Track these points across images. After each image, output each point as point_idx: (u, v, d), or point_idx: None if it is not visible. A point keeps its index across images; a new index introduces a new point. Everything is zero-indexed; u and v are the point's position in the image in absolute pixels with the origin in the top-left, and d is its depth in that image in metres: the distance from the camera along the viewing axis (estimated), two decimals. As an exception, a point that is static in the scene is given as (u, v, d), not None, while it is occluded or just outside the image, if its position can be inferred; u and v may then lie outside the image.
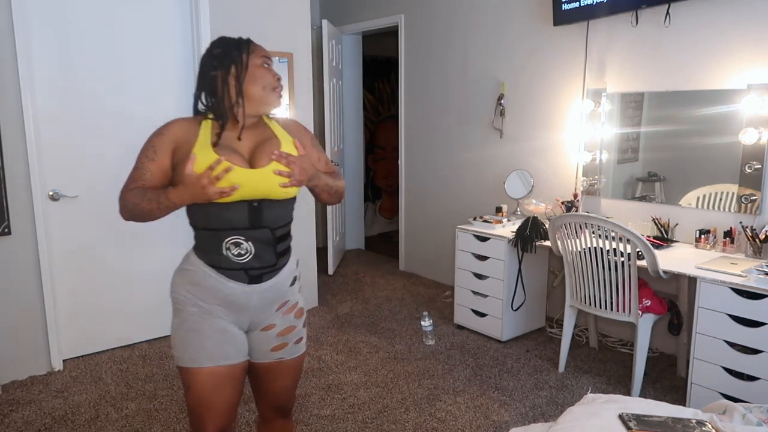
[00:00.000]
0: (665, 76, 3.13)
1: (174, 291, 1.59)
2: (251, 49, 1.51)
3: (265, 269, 1.54)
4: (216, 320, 1.53)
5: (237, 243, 1.49)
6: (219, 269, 1.51)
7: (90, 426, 2.55)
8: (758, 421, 1.51)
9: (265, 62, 1.52)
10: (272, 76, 1.52)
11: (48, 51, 2.94)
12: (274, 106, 1.54)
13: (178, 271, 1.60)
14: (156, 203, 1.42)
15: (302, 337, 1.72)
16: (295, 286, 1.69)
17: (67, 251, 3.11)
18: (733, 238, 2.84)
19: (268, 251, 1.53)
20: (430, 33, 4.54)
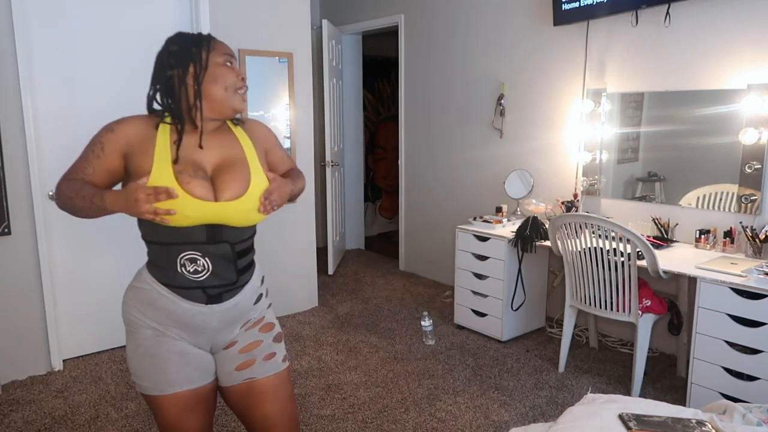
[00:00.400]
0: (665, 76, 3.13)
1: (125, 311, 1.46)
2: (212, 46, 1.36)
3: (225, 287, 1.40)
4: (173, 342, 1.40)
5: (192, 259, 1.34)
6: (173, 288, 1.37)
7: (90, 426, 2.55)
8: (758, 421, 1.51)
9: (227, 60, 1.37)
10: (235, 75, 1.37)
11: (48, 51, 2.94)
12: (239, 110, 1.39)
13: (129, 289, 1.48)
14: (89, 202, 1.29)
15: (275, 352, 1.52)
16: (260, 304, 1.55)
17: (67, 251, 3.11)
18: (733, 238, 2.84)
19: (228, 268, 1.39)
20: (430, 33, 4.54)
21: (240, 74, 1.39)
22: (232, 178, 1.35)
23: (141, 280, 1.44)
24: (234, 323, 1.47)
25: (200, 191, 1.30)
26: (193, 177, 1.30)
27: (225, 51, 1.38)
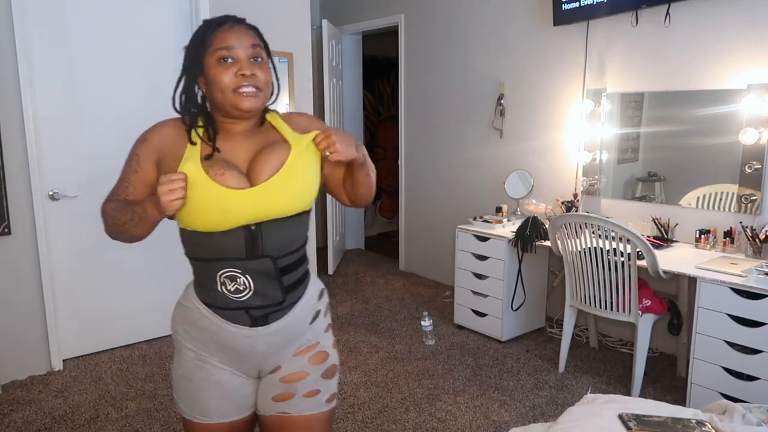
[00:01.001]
0: (665, 76, 3.13)
1: (172, 328, 1.38)
2: (208, 42, 1.20)
3: (270, 308, 1.25)
4: (212, 370, 1.29)
5: (232, 277, 1.21)
6: (215, 308, 1.25)
7: (90, 426, 2.55)
8: (758, 421, 1.51)
9: (223, 57, 1.18)
10: (232, 72, 1.18)
11: (48, 51, 2.94)
12: (244, 110, 1.20)
13: (176, 305, 1.38)
14: (131, 214, 1.18)
15: (319, 390, 1.33)
16: (317, 323, 1.36)
17: (67, 251, 3.11)
18: (733, 238, 2.84)
19: (272, 286, 1.24)
20: (430, 33, 4.54)
21: (240, 68, 1.19)
22: (266, 159, 1.22)
23: (186, 298, 1.32)
24: (285, 347, 1.31)
25: (234, 182, 1.18)
26: (226, 169, 1.19)
27: (220, 45, 1.19)
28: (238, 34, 1.20)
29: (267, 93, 1.25)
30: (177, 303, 1.37)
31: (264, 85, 1.22)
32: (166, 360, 3.19)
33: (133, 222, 1.19)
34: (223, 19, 1.23)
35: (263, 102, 1.24)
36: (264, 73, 1.22)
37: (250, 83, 1.19)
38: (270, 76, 1.25)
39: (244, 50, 1.20)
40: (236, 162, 1.23)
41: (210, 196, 1.16)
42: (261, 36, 1.27)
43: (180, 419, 2.58)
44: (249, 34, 1.23)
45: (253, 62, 1.21)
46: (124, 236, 1.24)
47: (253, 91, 1.20)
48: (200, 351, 1.30)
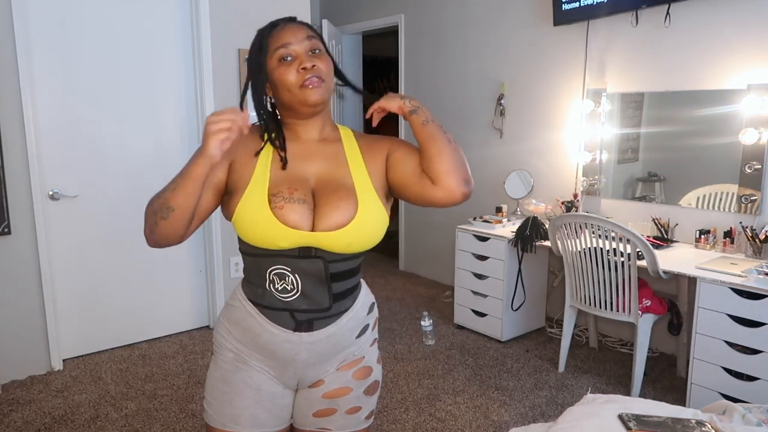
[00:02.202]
0: (665, 76, 3.13)
1: (215, 329, 1.33)
2: (266, 46, 1.19)
3: (316, 313, 1.19)
4: (252, 373, 1.24)
5: (281, 274, 1.17)
6: (261, 307, 1.20)
7: (90, 426, 2.55)
8: (758, 421, 1.51)
9: (283, 55, 1.17)
10: (295, 69, 1.16)
11: (48, 51, 2.94)
12: (312, 103, 1.17)
13: (225, 307, 1.33)
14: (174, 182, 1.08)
15: (360, 407, 1.31)
16: (364, 338, 1.31)
17: (67, 251, 3.11)
18: (733, 238, 2.84)
19: (320, 290, 1.18)
20: (430, 33, 4.54)
21: (301, 62, 1.16)
22: (337, 204, 1.15)
23: (234, 298, 1.29)
24: (327, 358, 1.25)
25: (295, 218, 1.12)
26: (288, 200, 1.13)
27: (278, 44, 1.17)
28: (292, 31, 1.19)
29: (330, 84, 1.21)
30: (225, 305, 1.33)
31: (326, 75, 1.18)
32: (166, 360, 3.19)
33: (173, 186, 1.07)
34: (275, 21, 1.23)
35: (329, 93, 1.20)
36: (325, 64, 1.19)
37: (313, 74, 1.16)
38: (331, 67, 1.22)
39: (301, 44, 1.18)
40: (305, 178, 1.18)
41: (265, 227, 1.12)
42: (314, 29, 1.24)
43: (179, 419, 2.58)
44: (302, 28, 1.21)
45: (312, 54, 1.18)
46: (164, 219, 1.08)
47: (317, 80, 1.16)
48: (240, 353, 1.25)
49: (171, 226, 1.09)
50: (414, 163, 1.21)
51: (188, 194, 1.07)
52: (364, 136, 1.30)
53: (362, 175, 1.20)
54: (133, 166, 3.24)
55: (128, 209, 3.16)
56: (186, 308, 3.54)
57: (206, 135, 1.04)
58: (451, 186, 1.15)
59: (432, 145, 1.17)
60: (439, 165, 1.15)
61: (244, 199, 1.14)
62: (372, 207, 1.17)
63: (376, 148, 1.26)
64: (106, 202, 3.18)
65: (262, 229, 1.12)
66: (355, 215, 1.15)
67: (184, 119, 3.41)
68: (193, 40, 3.36)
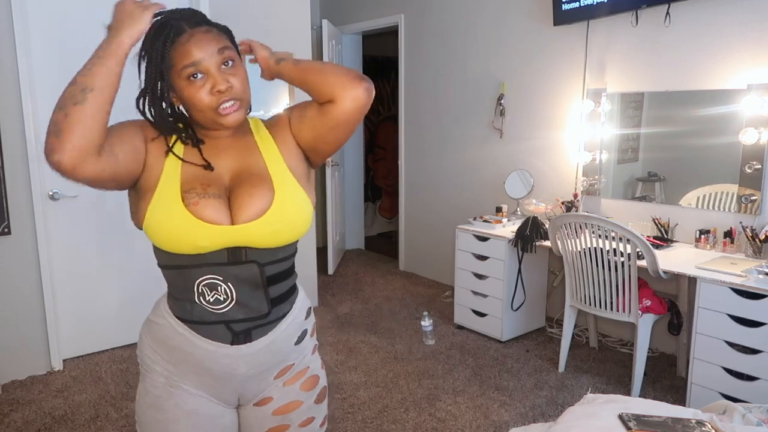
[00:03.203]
0: (665, 76, 3.13)
1: (139, 349, 1.22)
2: (169, 57, 1.06)
3: (254, 321, 1.12)
4: (185, 397, 1.15)
5: (212, 285, 1.08)
6: (191, 323, 1.11)
7: (90, 426, 2.55)
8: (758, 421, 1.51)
9: (191, 74, 1.05)
10: (207, 90, 1.06)
11: (48, 51, 2.94)
12: (230, 126, 1.10)
13: (144, 323, 1.22)
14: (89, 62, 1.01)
15: (314, 417, 1.27)
16: (304, 345, 1.24)
17: (67, 251, 3.11)
18: (733, 238, 2.84)
19: (257, 296, 1.11)
20: (430, 33, 4.54)
21: (215, 84, 1.05)
22: (251, 192, 1.09)
23: (157, 314, 1.18)
24: (269, 369, 1.18)
25: (211, 213, 1.05)
26: (202, 196, 1.06)
27: (185, 62, 1.05)
28: (199, 43, 1.05)
29: (247, 98, 1.12)
30: (145, 321, 1.22)
31: (243, 92, 1.10)
32: (166, 360, 3.19)
33: (88, 66, 0.99)
34: (178, 26, 1.06)
35: (246, 110, 1.13)
36: (239, 79, 1.09)
37: (230, 97, 1.06)
38: (246, 78, 1.11)
39: (212, 59, 1.06)
40: (218, 175, 1.11)
41: (181, 226, 1.04)
42: (225, 32, 1.13)
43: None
44: (211, 37, 1.08)
45: (225, 69, 1.07)
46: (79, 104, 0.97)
47: (234, 105, 1.08)
48: (171, 375, 1.15)
49: (88, 115, 0.95)
50: (310, 109, 1.15)
51: (110, 71, 0.99)
52: (272, 123, 1.22)
53: (276, 161, 1.15)
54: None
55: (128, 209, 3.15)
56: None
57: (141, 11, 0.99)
58: (349, 91, 1.08)
59: (311, 75, 1.12)
60: (327, 83, 1.09)
61: (155, 200, 1.06)
62: (290, 191, 1.12)
63: (281, 127, 1.19)
64: (106, 202, 3.18)
65: (178, 229, 1.04)
66: (273, 201, 1.09)
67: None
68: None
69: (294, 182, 1.14)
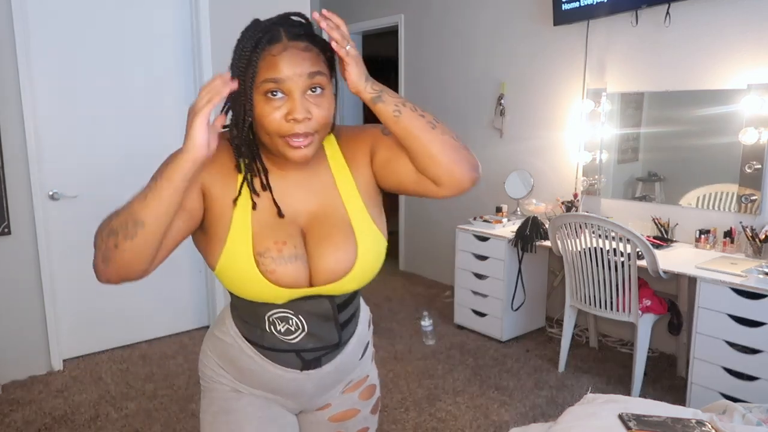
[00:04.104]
0: (665, 76, 3.13)
1: (202, 363, 1.19)
2: (256, 67, 0.92)
3: (324, 350, 1.11)
4: (253, 399, 1.15)
5: (283, 317, 1.05)
6: (262, 348, 1.09)
7: (90, 426, 2.55)
8: (758, 421, 1.51)
9: (270, 90, 0.92)
10: (283, 114, 0.93)
11: (48, 51, 2.94)
12: (296, 161, 0.97)
13: (208, 337, 1.19)
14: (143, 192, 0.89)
15: (368, 427, 1.27)
16: (367, 355, 1.24)
17: (67, 251, 3.11)
18: (733, 238, 2.84)
19: (327, 326, 1.09)
20: (430, 33, 4.54)
21: (292, 110, 0.92)
22: (333, 251, 1.01)
23: (224, 331, 1.14)
24: (334, 385, 1.18)
25: (289, 280, 1.00)
26: (278, 261, 0.99)
27: (268, 75, 0.92)
28: (292, 60, 0.92)
29: (324, 133, 0.99)
30: (209, 335, 1.18)
31: (322, 125, 0.96)
32: (166, 360, 3.19)
33: (142, 196, 0.88)
34: (275, 33, 0.94)
35: (318, 145, 0.99)
36: (323, 110, 0.95)
37: (304, 130, 0.93)
38: (331, 110, 0.98)
39: (299, 81, 0.93)
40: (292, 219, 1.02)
41: (257, 289, 1.01)
42: (325, 50, 0.98)
43: (179, 419, 2.58)
44: (306, 57, 0.94)
45: (310, 95, 0.94)
46: (130, 239, 0.89)
47: (305, 141, 0.94)
48: (237, 387, 1.15)
49: (138, 249, 0.89)
50: (405, 164, 1.03)
51: (165, 204, 0.87)
52: (345, 137, 1.10)
53: (353, 197, 1.05)
54: (133, 166, 3.24)
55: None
56: (186, 308, 3.54)
57: (191, 118, 0.87)
58: (456, 181, 1.02)
59: (416, 143, 0.97)
60: (435, 166, 0.98)
61: (226, 255, 1.00)
62: (371, 239, 1.05)
63: (359, 151, 1.08)
64: (106, 202, 3.14)
65: (253, 290, 1.01)
66: (356, 259, 1.03)
67: (184, 119, 3.40)
68: (193, 38, 3.36)
69: (373, 227, 1.06)
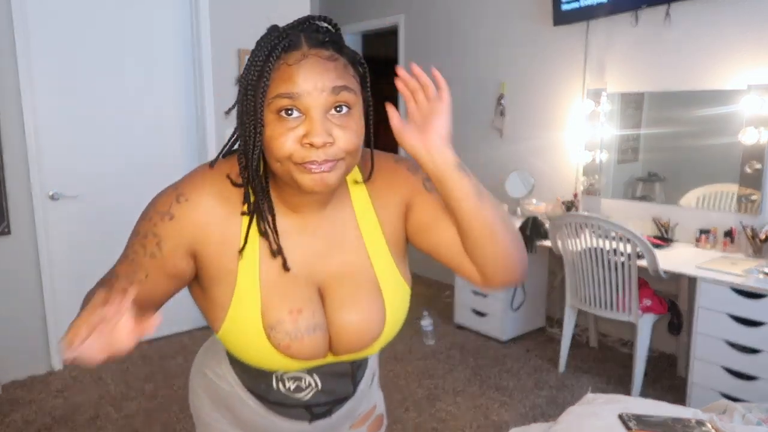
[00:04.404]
0: (665, 76, 3.13)
1: (194, 403, 1.06)
2: (268, 78, 0.75)
3: (337, 403, 0.99)
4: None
5: (295, 377, 0.93)
6: (266, 402, 0.95)
7: (90, 426, 2.54)
8: (758, 420, 1.51)
9: (284, 107, 0.75)
10: (298, 136, 0.75)
11: (48, 51, 2.94)
12: (311, 192, 0.78)
13: (198, 374, 1.04)
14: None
15: None
16: (374, 384, 1.12)
17: (67, 251, 3.11)
18: (733, 238, 2.84)
19: (343, 382, 0.97)
20: (430, 33, 4.54)
21: (309, 132, 0.74)
22: (356, 310, 0.86)
23: (219, 374, 0.99)
24: (342, 426, 1.06)
25: (307, 354, 0.86)
26: (294, 336, 0.83)
27: (281, 90, 0.74)
28: (312, 70, 0.75)
29: (351, 163, 0.80)
30: (198, 371, 1.04)
31: (347, 154, 0.78)
32: (166, 360, 3.19)
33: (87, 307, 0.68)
34: (294, 38, 0.77)
35: (344, 174, 0.79)
36: (349, 134, 0.77)
37: (324, 157, 0.75)
38: (360, 136, 0.80)
39: (320, 97, 0.75)
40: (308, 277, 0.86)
41: (267, 361, 0.87)
42: (354, 61, 0.81)
43: (179, 419, 2.58)
44: (331, 67, 0.76)
45: (334, 116, 0.77)
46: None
47: (323, 169, 0.76)
48: (235, 430, 1.02)
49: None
50: (448, 237, 0.88)
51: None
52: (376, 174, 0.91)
53: (382, 252, 0.89)
54: (133, 165, 3.24)
55: (128, 209, 3.14)
56: (186, 308, 3.52)
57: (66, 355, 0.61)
58: (505, 282, 0.87)
59: (485, 236, 0.83)
60: (494, 264, 0.85)
61: (230, 323, 0.85)
62: (401, 297, 0.91)
63: (392, 198, 0.91)
64: (106, 202, 3.18)
65: (263, 361, 0.87)
66: (384, 324, 0.89)
67: (184, 119, 3.41)
68: (192, 38, 3.36)
69: (401, 281, 0.91)
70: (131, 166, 3.23)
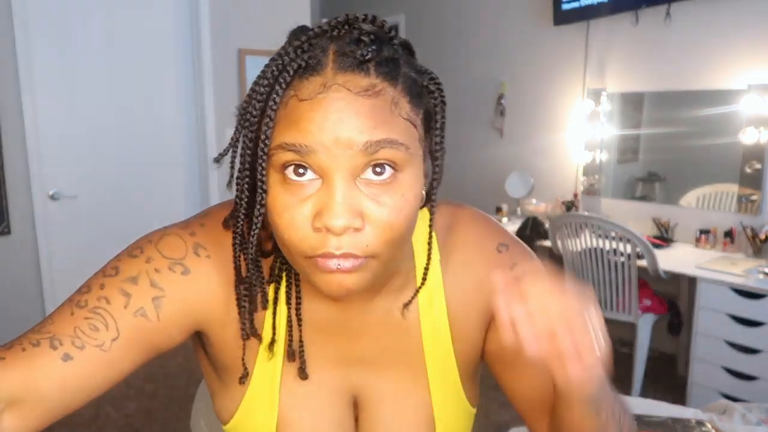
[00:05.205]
0: (665, 76, 3.13)
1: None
2: (273, 106, 0.51)
3: None
4: None
5: None
6: None
7: (90, 426, 2.54)
8: (758, 420, 1.51)
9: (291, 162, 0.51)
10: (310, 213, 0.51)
11: (48, 51, 2.94)
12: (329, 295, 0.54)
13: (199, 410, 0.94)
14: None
15: None
16: None
17: (67, 251, 3.11)
18: (733, 238, 2.84)
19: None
20: (430, 33, 4.54)
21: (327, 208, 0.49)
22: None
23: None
24: None
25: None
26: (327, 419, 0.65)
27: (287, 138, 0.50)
28: (333, 112, 0.50)
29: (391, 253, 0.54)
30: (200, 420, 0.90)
31: (384, 242, 0.52)
32: (167, 360, 3.19)
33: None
34: (318, 54, 0.57)
35: (376, 277, 0.55)
36: (388, 213, 0.52)
37: (346, 249, 0.51)
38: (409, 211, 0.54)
39: (343, 157, 0.50)
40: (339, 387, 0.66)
41: None
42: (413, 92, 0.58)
43: (179, 419, 2.58)
44: (367, 109, 0.51)
45: (370, 182, 0.52)
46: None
47: (342, 267, 0.51)
48: None
49: None
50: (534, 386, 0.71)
51: None
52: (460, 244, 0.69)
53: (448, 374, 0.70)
54: (133, 166, 3.24)
55: (128, 209, 3.15)
56: (186, 308, 3.53)
57: None
58: None
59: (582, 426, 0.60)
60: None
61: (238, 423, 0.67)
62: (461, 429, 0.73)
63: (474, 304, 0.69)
64: (106, 202, 3.17)
65: None
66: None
67: (184, 119, 3.41)
68: (192, 39, 3.36)
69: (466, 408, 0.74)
70: (131, 166, 3.23)
